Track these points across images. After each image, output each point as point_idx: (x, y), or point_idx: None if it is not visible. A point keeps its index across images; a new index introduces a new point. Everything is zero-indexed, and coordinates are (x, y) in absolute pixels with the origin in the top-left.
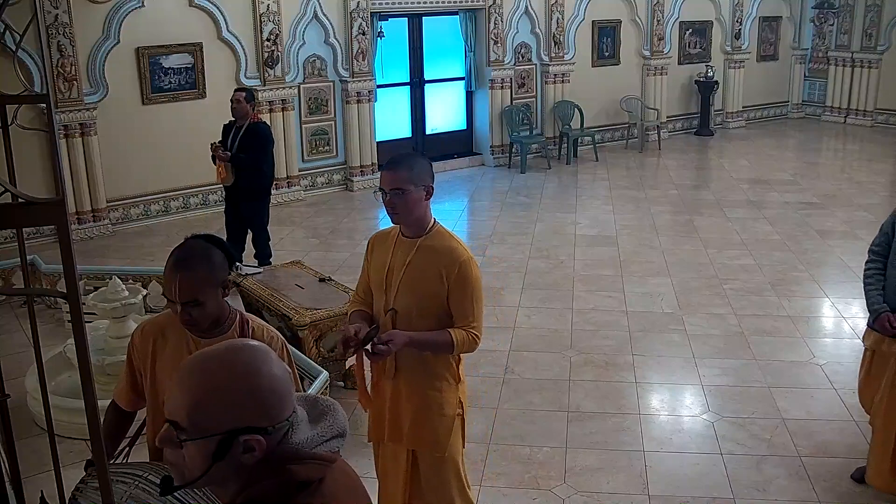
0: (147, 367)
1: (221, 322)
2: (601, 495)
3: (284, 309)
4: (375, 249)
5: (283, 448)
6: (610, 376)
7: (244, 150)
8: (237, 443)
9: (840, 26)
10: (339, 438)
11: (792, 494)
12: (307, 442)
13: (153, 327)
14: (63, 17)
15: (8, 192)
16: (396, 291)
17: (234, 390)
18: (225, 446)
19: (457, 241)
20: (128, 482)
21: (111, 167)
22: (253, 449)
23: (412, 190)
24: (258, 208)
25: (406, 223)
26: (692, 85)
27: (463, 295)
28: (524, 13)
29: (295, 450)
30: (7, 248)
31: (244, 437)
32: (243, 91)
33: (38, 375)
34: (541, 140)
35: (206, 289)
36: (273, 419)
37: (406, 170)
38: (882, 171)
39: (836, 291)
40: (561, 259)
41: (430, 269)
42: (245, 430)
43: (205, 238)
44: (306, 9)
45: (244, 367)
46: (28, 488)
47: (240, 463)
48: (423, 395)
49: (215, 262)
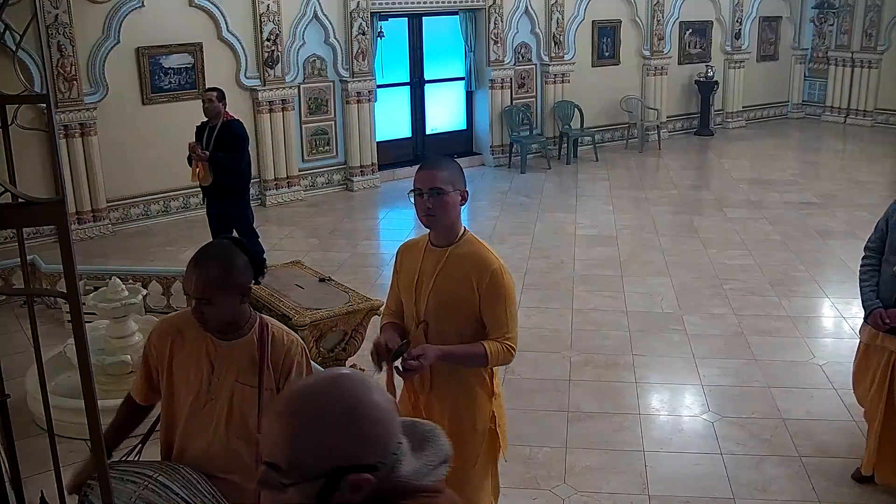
0: (164, 366)
1: (240, 326)
2: (601, 495)
3: (284, 309)
4: (404, 260)
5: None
6: (610, 376)
7: (220, 149)
8: (344, 482)
9: (840, 26)
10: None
11: (792, 494)
12: (415, 473)
13: (171, 326)
14: (63, 17)
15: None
16: (427, 301)
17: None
18: (331, 488)
19: (488, 248)
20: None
21: (111, 167)
22: (361, 488)
23: (450, 191)
24: (240, 207)
25: (439, 227)
26: (692, 85)
27: (495, 304)
28: (524, 13)
29: (403, 484)
30: (7, 248)
31: (351, 477)
32: (214, 90)
33: (38, 375)
34: (541, 140)
35: (220, 290)
36: (380, 454)
37: (445, 170)
38: (882, 171)
39: (836, 291)
40: (561, 259)
41: (460, 278)
42: (351, 468)
43: (233, 241)
44: (306, 9)
45: (347, 398)
46: (28, 488)
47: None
48: (455, 411)
49: (235, 265)
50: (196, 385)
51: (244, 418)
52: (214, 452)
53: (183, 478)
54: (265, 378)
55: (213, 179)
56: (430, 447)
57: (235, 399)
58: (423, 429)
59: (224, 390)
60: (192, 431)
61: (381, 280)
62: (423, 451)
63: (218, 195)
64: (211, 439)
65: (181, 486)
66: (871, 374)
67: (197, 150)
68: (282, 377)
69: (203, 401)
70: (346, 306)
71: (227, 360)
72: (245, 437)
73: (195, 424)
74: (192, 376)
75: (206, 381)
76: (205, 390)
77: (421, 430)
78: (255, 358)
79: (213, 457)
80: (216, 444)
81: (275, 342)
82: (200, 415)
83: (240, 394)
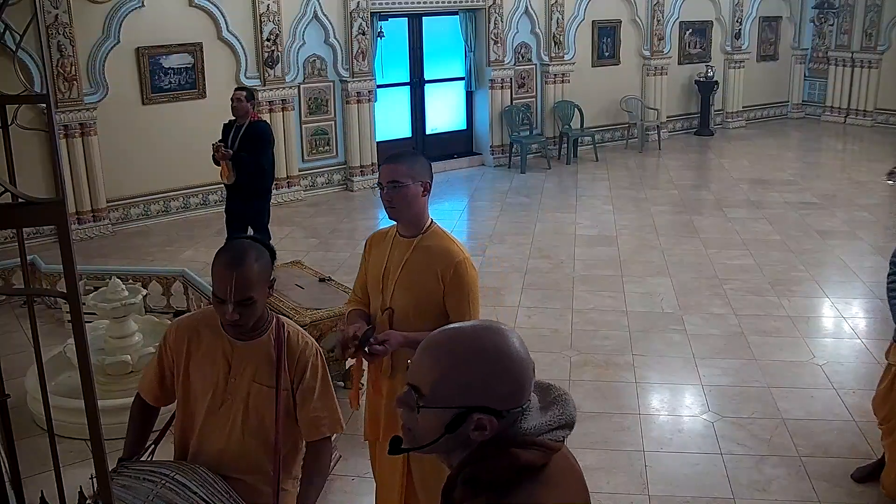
0: (180, 366)
1: (259, 324)
2: (601, 495)
3: (284, 309)
4: (373, 249)
5: (512, 431)
6: (610, 376)
7: (245, 149)
8: (471, 419)
9: (840, 26)
10: (565, 429)
11: (792, 494)
12: (535, 429)
13: (188, 326)
14: (63, 17)
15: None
16: (393, 291)
17: (481, 369)
18: (459, 420)
19: (453, 241)
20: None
21: (111, 167)
22: (484, 428)
23: (409, 184)
24: (259, 207)
25: (403, 219)
26: (692, 85)
27: (459, 296)
28: (524, 13)
29: (522, 434)
30: (7, 248)
31: (478, 416)
32: (244, 90)
33: (38, 375)
34: (541, 140)
35: (260, 287)
36: (510, 403)
37: (404, 164)
38: (882, 171)
39: (836, 291)
40: (561, 259)
41: (426, 269)
42: (481, 408)
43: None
44: (306, 9)
45: (493, 346)
46: (28, 488)
47: (468, 438)
48: None
49: (265, 259)
50: (212, 385)
51: (260, 419)
52: (230, 453)
53: (200, 477)
54: (282, 378)
55: (236, 178)
56: (556, 409)
57: (252, 399)
58: (556, 393)
59: (241, 390)
60: (209, 432)
61: None
62: (549, 410)
63: (239, 194)
64: (227, 439)
65: (199, 484)
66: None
67: (220, 150)
68: (296, 378)
69: (220, 401)
70: (345, 306)
71: (244, 359)
72: (261, 437)
73: (211, 424)
74: (208, 376)
75: (223, 380)
76: (221, 390)
77: (554, 393)
78: (273, 358)
79: (229, 457)
80: (232, 445)
81: (290, 342)
82: (217, 415)
83: (256, 394)
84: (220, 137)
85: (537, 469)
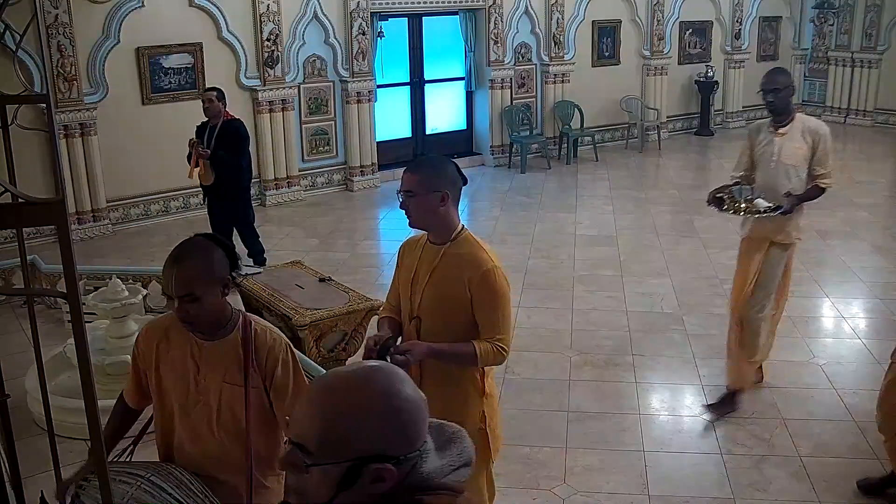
0: (151, 369)
1: (223, 323)
2: (601, 495)
3: (284, 309)
4: (405, 256)
5: (414, 477)
6: (610, 376)
7: (221, 148)
8: (367, 470)
9: (840, 26)
10: (466, 468)
11: (792, 494)
12: (437, 471)
13: (156, 329)
14: (63, 17)
15: (8, 192)
16: (421, 299)
17: (369, 415)
18: (353, 474)
19: (484, 249)
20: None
21: (111, 167)
22: (383, 479)
23: (422, 193)
24: (241, 206)
25: (422, 227)
26: (692, 85)
27: (487, 305)
28: (524, 13)
29: (424, 479)
30: (7, 248)
31: (374, 466)
32: (214, 90)
33: (38, 375)
34: (541, 140)
35: (203, 283)
36: (406, 448)
37: (420, 173)
38: (882, 171)
39: (836, 291)
40: (561, 259)
41: (454, 277)
42: (376, 457)
43: (206, 236)
44: (306, 9)
45: (380, 389)
46: (28, 488)
47: (367, 493)
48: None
49: (214, 257)
50: (184, 386)
51: (234, 418)
52: (211, 454)
53: (175, 478)
54: (251, 376)
55: (215, 178)
56: (454, 448)
57: (224, 399)
58: (450, 430)
59: (212, 390)
60: (187, 433)
61: (382, 280)
62: (448, 451)
63: (219, 194)
64: (206, 441)
65: (174, 486)
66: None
67: (198, 149)
68: (267, 375)
69: (193, 402)
70: (346, 306)
71: (211, 360)
72: (235, 436)
73: (187, 426)
74: (179, 378)
75: (193, 381)
76: (193, 391)
77: (448, 432)
78: (241, 356)
79: (208, 457)
80: (212, 446)
81: (258, 340)
82: (192, 416)
83: (228, 393)
84: (195, 138)
85: None
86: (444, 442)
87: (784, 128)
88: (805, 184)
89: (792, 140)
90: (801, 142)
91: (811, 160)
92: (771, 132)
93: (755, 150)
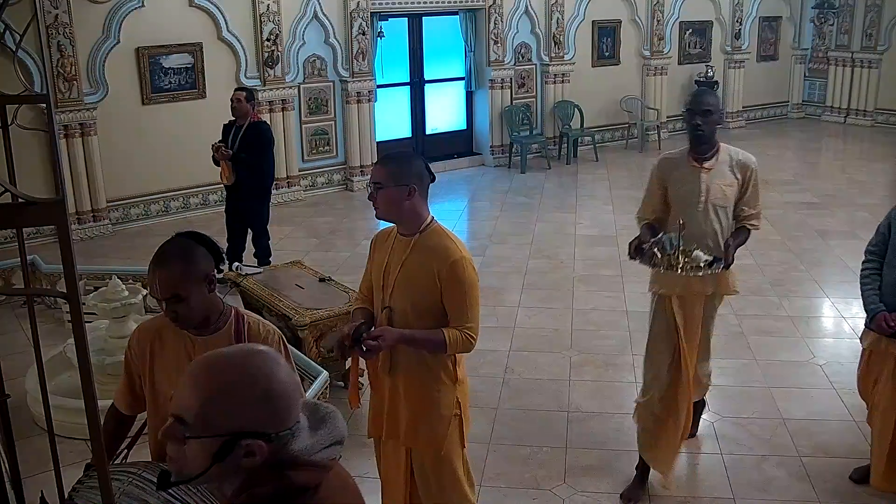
0: (145, 370)
1: (215, 318)
2: (601, 495)
3: (284, 309)
4: (377, 248)
5: (284, 454)
6: (610, 376)
7: (245, 149)
8: (239, 446)
9: (840, 26)
10: (337, 445)
11: (792, 494)
12: (307, 449)
13: (149, 330)
14: (63, 17)
15: (8, 192)
16: (392, 289)
17: (244, 393)
18: (227, 448)
19: (452, 239)
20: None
21: (111, 167)
22: (254, 454)
23: (390, 186)
24: (259, 208)
25: (386, 219)
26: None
27: (455, 294)
28: (524, 13)
29: (294, 456)
30: (7, 248)
31: (246, 442)
32: (244, 90)
33: (38, 375)
34: (541, 140)
35: (186, 283)
36: (277, 426)
37: (388, 166)
38: (882, 171)
39: (836, 291)
40: (561, 259)
41: (423, 268)
42: (249, 434)
43: (186, 235)
44: (306, 9)
45: (256, 370)
46: (28, 488)
47: (239, 466)
48: (419, 394)
49: (194, 256)
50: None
51: None
52: None
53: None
54: None
55: (236, 179)
56: (326, 427)
57: None
58: (324, 410)
59: None
60: None
61: None
62: (320, 430)
63: (239, 194)
64: None
65: None
66: (876, 380)
67: (221, 151)
68: None
69: None
70: (346, 306)
71: None
72: None
73: None
74: (173, 377)
75: None
76: None
77: (322, 412)
78: None
79: None
80: None
81: (251, 333)
82: None
83: None
84: (220, 138)
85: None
86: (318, 421)
87: (709, 161)
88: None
89: (721, 176)
90: (731, 177)
91: (739, 198)
92: (693, 167)
93: (671, 188)
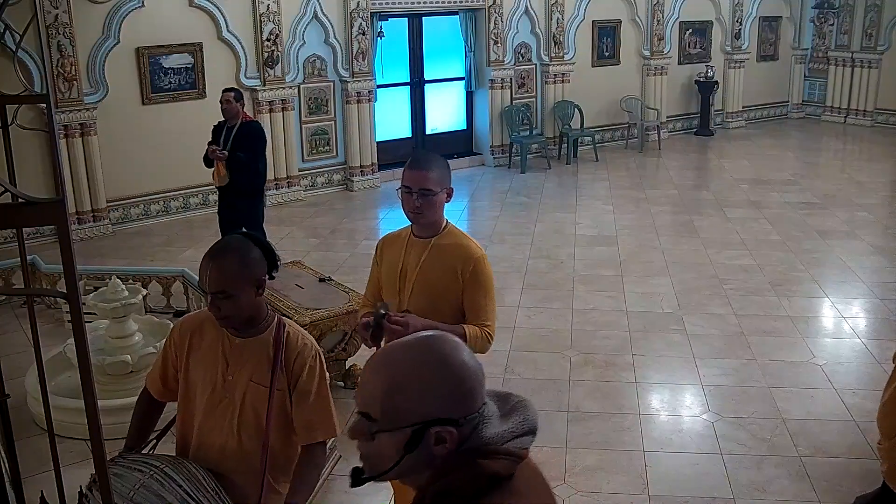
0: (182, 362)
1: (257, 322)
2: (601, 495)
3: (284, 309)
4: (385, 252)
5: (474, 441)
6: (610, 376)
7: (238, 149)
8: (429, 434)
9: (840, 26)
10: (530, 435)
11: (792, 494)
12: (498, 437)
13: (192, 322)
14: (63, 17)
15: (8, 192)
16: (411, 292)
17: (428, 380)
18: (417, 438)
19: (470, 239)
20: (144, 471)
21: (111, 167)
22: (445, 440)
23: (439, 192)
24: (253, 208)
25: (426, 224)
26: (692, 85)
27: (477, 292)
28: (524, 13)
29: (486, 444)
30: (7, 248)
31: (436, 429)
32: (232, 91)
33: (38, 375)
34: (541, 140)
35: (237, 282)
36: (465, 410)
37: (436, 170)
38: (882, 171)
39: (836, 291)
40: (561, 259)
41: (444, 268)
42: (437, 421)
43: (245, 235)
44: (306, 9)
45: (438, 356)
46: (28, 488)
47: (431, 454)
48: None
49: (251, 257)
50: (211, 382)
51: (256, 417)
52: (229, 452)
53: (188, 472)
54: (277, 378)
55: (230, 179)
56: (517, 416)
57: (248, 398)
58: (515, 399)
59: (238, 388)
60: (208, 429)
61: None
62: (511, 418)
63: (233, 195)
64: (226, 438)
65: (185, 479)
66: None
67: (216, 152)
68: (292, 379)
69: (218, 398)
70: (346, 306)
71: (241, 357)
72: (255, 436)
73: (210, 422)
74: (207, 373)
75: (221, 378)
76: (219, 387)
77: (514, 400)
78: (270, 357)
79: (227, 456)
80: (231, 444)
81: (290, 343)
82: (215, 413)
83: (253, 392)
84: (211, 139)
85: (505, 479)
86: (509, 410)
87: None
88: None
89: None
90: None
91: None
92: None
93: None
